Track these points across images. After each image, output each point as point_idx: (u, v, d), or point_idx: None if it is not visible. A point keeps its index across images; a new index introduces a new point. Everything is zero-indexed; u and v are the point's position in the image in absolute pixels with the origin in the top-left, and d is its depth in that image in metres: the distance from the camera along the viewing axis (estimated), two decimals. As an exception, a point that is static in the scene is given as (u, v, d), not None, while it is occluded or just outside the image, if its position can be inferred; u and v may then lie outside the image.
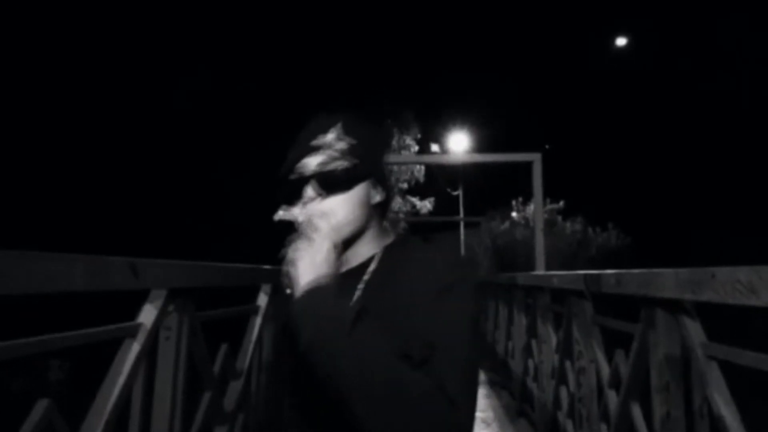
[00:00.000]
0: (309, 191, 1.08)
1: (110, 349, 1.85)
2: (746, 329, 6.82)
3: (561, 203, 21.77)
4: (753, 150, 26.77)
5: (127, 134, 13.63)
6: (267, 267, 3.42)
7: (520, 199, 22.71)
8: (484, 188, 22.65)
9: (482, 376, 7.35)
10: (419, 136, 20.58)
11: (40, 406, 1.43)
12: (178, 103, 13.74)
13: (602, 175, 30.42)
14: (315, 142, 1.10)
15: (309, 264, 0.98)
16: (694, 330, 1.93)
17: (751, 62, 28.10)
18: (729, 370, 1.78)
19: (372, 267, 1.12)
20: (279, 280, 1.04)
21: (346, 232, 1.09)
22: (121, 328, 1.89)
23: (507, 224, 22.54)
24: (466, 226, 22.47)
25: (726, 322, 3.54)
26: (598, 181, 29.55)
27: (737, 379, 1.87)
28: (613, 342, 2.84)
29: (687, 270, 1.78)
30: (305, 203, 1.09)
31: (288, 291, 1.00)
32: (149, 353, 1.98)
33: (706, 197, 26.86)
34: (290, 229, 1.08)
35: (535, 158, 6.72)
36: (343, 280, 1.01)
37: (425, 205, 21.41)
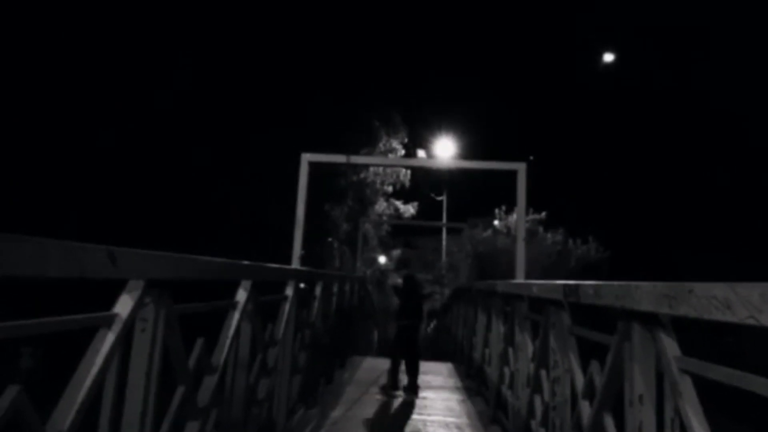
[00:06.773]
0: None
1: (84, 339, 1.82)
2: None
3: (543, 214, 21.95)
4: (733, 168, 27.27)
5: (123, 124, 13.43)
6: (246, 263, 3.38)
7: (504, 207, 22.87)
8: (468, 195, 22.78)
9: (458, 382, 7.37)
10: (406, 139, 20.60)
11: (9, 393, 1.39)
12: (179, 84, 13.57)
13: (585, 188, 30.78)
14: None
15: None
16: (669, 344, 1.95)
17: (733, 80, 28.64)
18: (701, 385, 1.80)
19: None
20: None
21: None
22: (96, 317, 1.85)
23: (489, 232, 22.68)
24: (449, 231, 22.56)
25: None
26: (580, 194, 29.89)
27: (709, 394, 1.89)
28: (589, 352, 2.87)
29: (664, 284, 1.80)
30: None
31: None
32: (124, 344, 1.95)
33: (686, 215, 27.27)
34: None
35: (520, 168, 6.78)
36: None
37: (408, 209, 21.41)
